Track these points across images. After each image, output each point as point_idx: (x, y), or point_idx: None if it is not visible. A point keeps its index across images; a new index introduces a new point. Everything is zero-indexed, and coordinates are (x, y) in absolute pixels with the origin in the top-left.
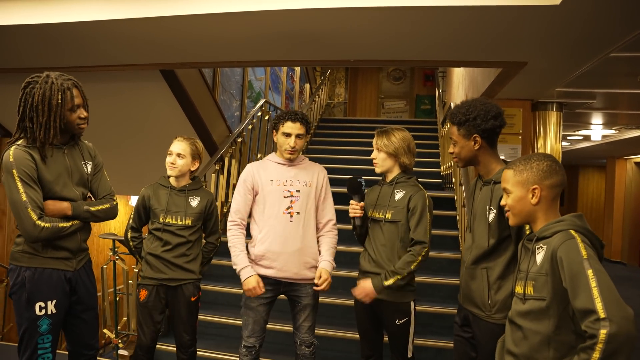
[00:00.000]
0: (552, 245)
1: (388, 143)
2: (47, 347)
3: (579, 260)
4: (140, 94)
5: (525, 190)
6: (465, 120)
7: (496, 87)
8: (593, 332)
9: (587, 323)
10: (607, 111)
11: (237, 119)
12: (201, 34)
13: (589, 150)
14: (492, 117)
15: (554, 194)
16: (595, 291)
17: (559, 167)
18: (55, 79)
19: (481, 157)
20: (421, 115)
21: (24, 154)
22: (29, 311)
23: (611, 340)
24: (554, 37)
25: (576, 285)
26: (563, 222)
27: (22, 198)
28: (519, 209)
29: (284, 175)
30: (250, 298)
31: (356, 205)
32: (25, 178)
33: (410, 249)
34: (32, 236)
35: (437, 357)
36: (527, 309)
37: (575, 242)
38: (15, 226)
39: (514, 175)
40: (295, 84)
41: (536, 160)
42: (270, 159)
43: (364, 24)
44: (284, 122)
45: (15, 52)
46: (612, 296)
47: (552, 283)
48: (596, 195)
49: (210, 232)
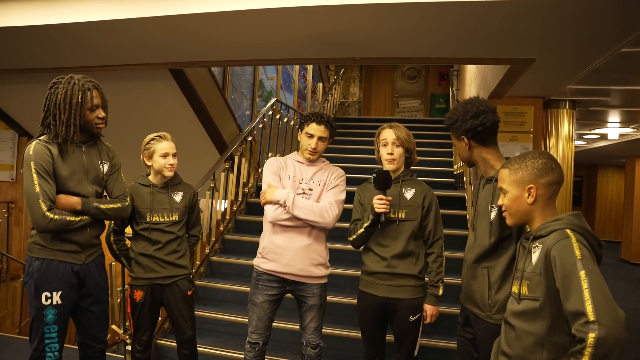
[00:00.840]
0: (546, 245)
1: (407, 137)
2: (54, 337)
3: (572, 261)
4: (150, 93)
5: (521, 190)
6: (451, 124)
7: (505, 85)
8: (582, 336)
9: (577, 326)
10: (623, 109)
11: (248, 118)
12: (208, 33)
13: (607, 149)
14: (470, 117)
15: (550, 192)
16: (587, 293)
17: (555, 165)
18: (77, 80)
19: (476, 157)
20: (436, 114)
21: (43, 149)
22: (36, 300)
23: (600, 344)
24: (562, 32)
25: (568, 286)
26: (560, 220)
27: (36, 189)
28: (516, 208)
29: (301, 173)
30: (255, 294)
31: (385, 199)
32: (41, 171)
33: (433, 250)
34: (40, 226)
35: (443, 358)
36: (521, 309)
37: (570, 242)
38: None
39: (509, 175)
40: (308, 82)
41: (531, 158)
42: (291, 157)
43: (369, 21)
44: (309, 122)
45: (28, 53)
46: (603, 298)
47: (545, 283)
48: (615, 196)
49: (193, 225)
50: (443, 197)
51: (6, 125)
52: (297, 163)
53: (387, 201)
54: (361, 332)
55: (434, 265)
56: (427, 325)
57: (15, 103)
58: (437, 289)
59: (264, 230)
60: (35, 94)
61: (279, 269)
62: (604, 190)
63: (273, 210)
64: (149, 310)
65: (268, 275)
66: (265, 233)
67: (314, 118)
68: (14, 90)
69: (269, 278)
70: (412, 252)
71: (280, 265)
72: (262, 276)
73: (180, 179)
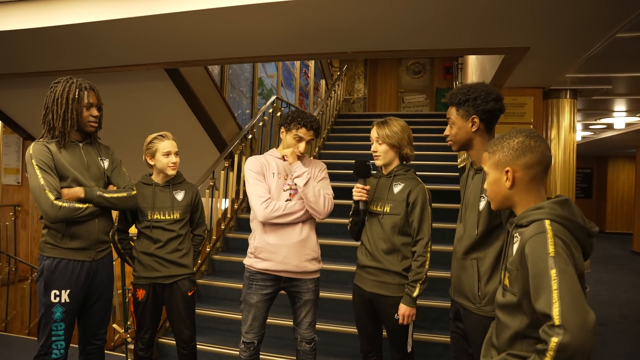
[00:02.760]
0: (523, 239)
1: (391, 134)
2: (61, 334)
3: (544, 258)
4: (147, 93)
5: (499, 173)
6: (465, 100)
7: (503, 75)
8: (545, 338)
9: (544, 327)
10: (629, 97)
11: (248, 117)
12: (201, 31)
13: (615, 140)
14: (492, 100)
15: (531, 175)
16: (555, 294)
17: (535, 143)
18: (76, 80)
19: (476, 141)
20: (442, 108)
21: (42, 147)
22: (45, 297)
23: (562, 349)
24: (554, 18)
25: (538, 285)
26: (541, 210)
27: (40, 182)
28: (495, 192)
29: (285, 170)
30: (250, 294)
31: (362, 187)
32: (43, 166)
33: (415, 249)
34: (50, 216)
35: (445, 353)
36: (503, 302)
37: (545, 237)
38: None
39: (488, 157)
40: (310, 80)
41: (508, 138)
42: (272, 154)
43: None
44: (299, 127)
45: (28, 57)
46: (572, 301)
47: (521, 279)
48: (627, 187)
49: (197, 225)
50: (447, 191)
51: (10, 129)
52: (279, 160)
53: (364, 190)
54: (356, 327)
55: (414, 263)
56: (426, 320)
57: (18, 107)
58: (413, 288)
59: (254, 229)
60: (38, 97)
61: (273, 267)
62: (614, 181)
63: (264, 209)
64: (151, 309)
65: (262, 275)
66: (256, 232)
67: (304, 123)
68: (16, 94)
69: (263, 277)
70: (398, 249)
71: (275, 263)
72: (256, 276)
73: (183, 178)
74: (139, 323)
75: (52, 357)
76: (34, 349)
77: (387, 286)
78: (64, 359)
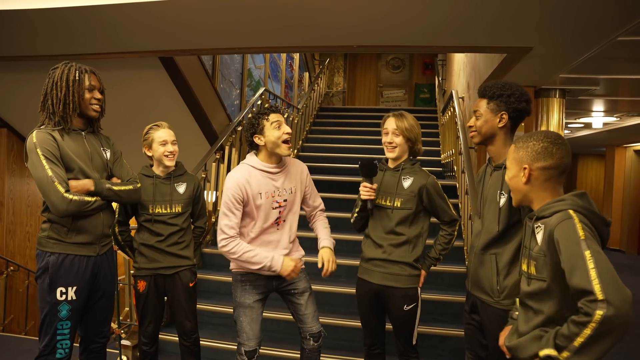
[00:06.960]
0: (549, 226)
1: (409, 127)
2: (66, 333)
3: (577, 241)
4: (141, 82)
5: (518, 169)
6: (499, 95)
7: (499, 74)
8: (588, 311)
9: (584, 301)
10: (609, 98)
11: (237, 108)
12: (200, 19)
13: (589, 139)
14: (525, 100)
15: (546, 176)
16: (593, 272)
17: (557, 149)
18: (75, 63)
19: (498, 137)
20: (420, 104)
21: (46, 135)
22: (50, 295)
23: (606, 322)
24: (562, 20)
25: (574, 266)
26: (563, 201)
27: (49, 173)
28: (513, 186)
29: (272, 185)
30: (245, 295)
31: (370, 187)
32: (49, 156)
33: (444, 227)
34: (60, 209)
35: (441, 345)
36: (531, 290)
37: (572, 222)
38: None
39: (513, 151)
40: (295, 72)
41: (535, 140)
42: (253, 165)
43: (361, 5)
44: (268, 114)
45: (12, 40)
46: (611, 278)
47: (550, 264)
48: (595, 184)
49: (198, 216)
50: None
51: None
52: (262, 173)
53: (371, 189)
54: (360, 320)
55: (442, 239)
56: (423, 312)
57: None
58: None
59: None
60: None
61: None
62: (584, 178)
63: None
64: (153, 301)
65: (254, 275)
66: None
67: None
68: None
69: (255, 277)
70: (408, 241)
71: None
72: (248, 276)
73: (184, 170)
74: (141, 315)
75: (57, 357)
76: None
77: (397, 277)
78: (67, 358)
